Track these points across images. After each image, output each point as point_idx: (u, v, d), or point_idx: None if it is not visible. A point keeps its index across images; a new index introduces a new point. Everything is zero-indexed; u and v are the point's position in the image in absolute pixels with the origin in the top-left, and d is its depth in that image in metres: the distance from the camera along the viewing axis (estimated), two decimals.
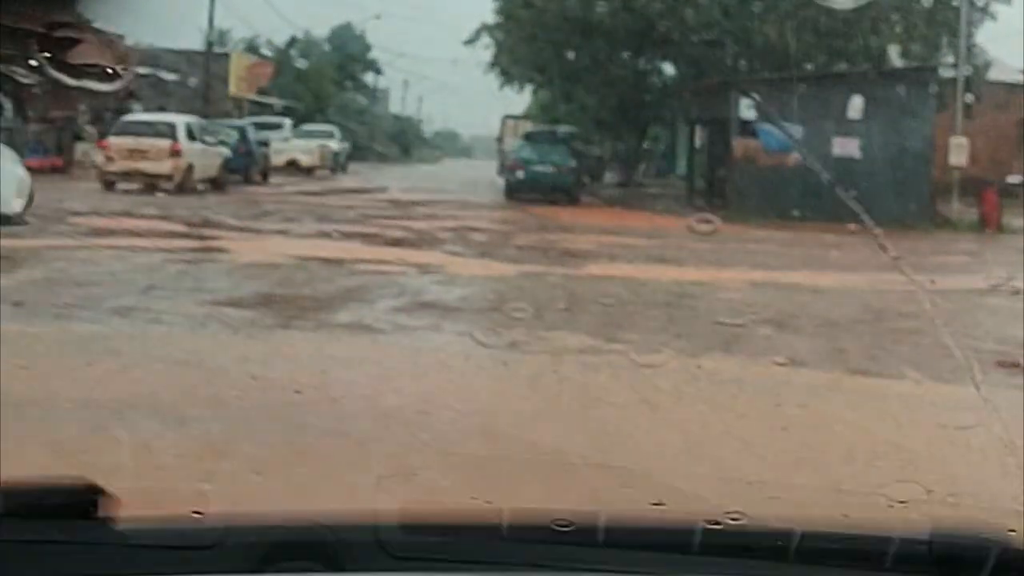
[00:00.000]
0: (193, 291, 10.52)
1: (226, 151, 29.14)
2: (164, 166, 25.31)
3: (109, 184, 25.18)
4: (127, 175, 25.12)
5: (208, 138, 28.04)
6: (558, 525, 1.63)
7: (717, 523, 1.54)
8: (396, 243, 17.44)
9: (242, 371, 6.33)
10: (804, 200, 28.84)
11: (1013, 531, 1.67)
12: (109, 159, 25.46)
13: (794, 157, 29.19)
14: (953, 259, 20.35)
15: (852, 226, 27.09)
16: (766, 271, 16.76)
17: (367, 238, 17.93)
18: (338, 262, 14.38)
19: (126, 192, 23.76)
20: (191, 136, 26.84)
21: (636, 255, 17.84)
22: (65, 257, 12.74)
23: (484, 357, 7.87)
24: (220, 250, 14.93)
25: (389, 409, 5.60)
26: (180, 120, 27.82)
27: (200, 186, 26.40)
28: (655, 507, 1.92)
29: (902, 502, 2.98)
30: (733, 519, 1.54)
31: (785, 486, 4.21)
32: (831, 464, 4.78)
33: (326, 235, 18.32)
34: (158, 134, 25.92)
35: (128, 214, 19.48)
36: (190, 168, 26.08)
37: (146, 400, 5.53)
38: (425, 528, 1.43)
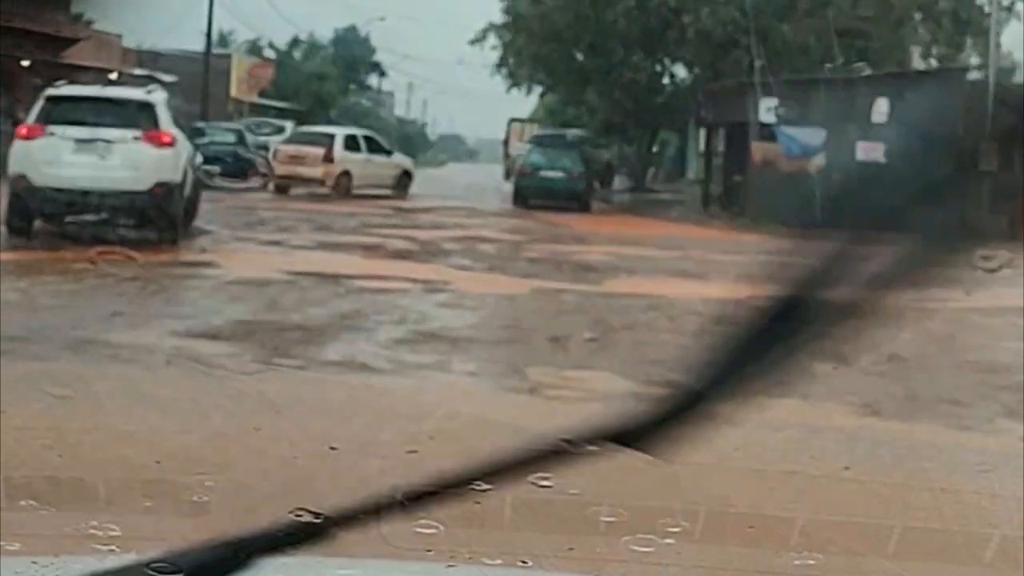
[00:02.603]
0: (164, 318, 9.24)
1: (408, 161, 32.16)
2: (316, 171, 27.80)
3: (279, 188, 27.96)
4: (288, 178, 27.91)
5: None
6: None
7: None
8: (399, 256, 16.19)
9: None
10: (825, 206, 27.46)
11: None
12: (278, 164, 28.40)
13: (816, 162, 27.91)
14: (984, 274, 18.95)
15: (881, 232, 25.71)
16: None
17: (368, 250, 16.69)
18: (334, 279, 13.13)
19: None
20: (352, 147, 29.45)
21: (656, 268, 16.57)
22: None
23: (500, 406, 6.61)
24: (206, 264, 13.69)
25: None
26: (340, 132, 30.96)
27: (370, 191, 28.34)
28: None
29: None
30: None
31: None
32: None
33: (325, 246, 17.08)
34: (315, 143, 28.67)
35: None
36: (345, 174, 28.30)
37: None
38: None
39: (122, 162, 15.00)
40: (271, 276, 12.93)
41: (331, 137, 29.42)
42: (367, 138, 31.28)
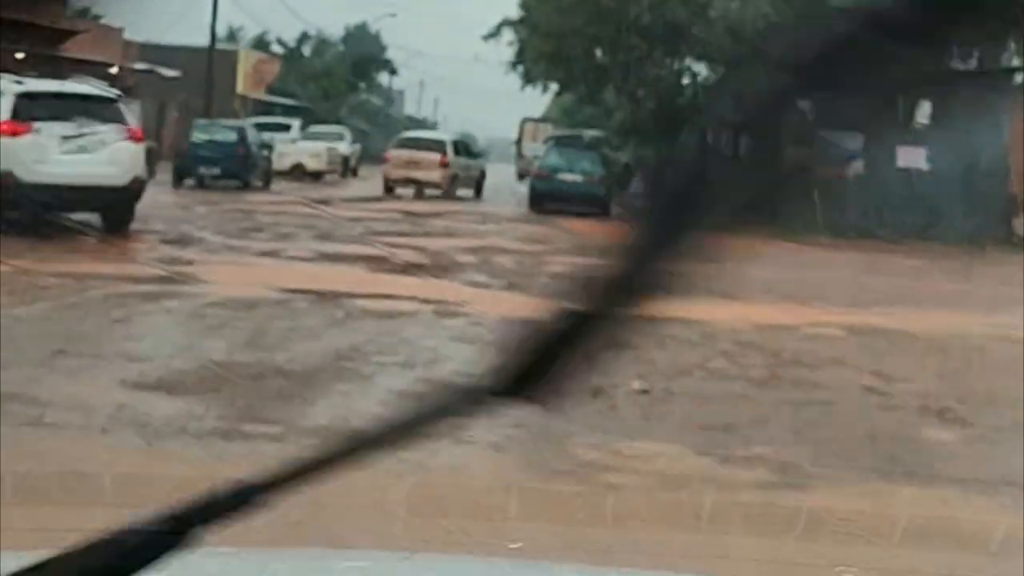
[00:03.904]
0: (117, 360, 7.51)
1: (482, 162, 34.23)
2: (434, 175, 29.93)
3: (389, 188, 30.10)
4: (403, 181, 29.95)
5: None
6: None
7: None
8: (407, 269, 14.49)
9: None
10: (864, 216, 25.95)
11: None
12: (391, 167, 30.44)
13: (854, 168, 26.19)
14: None
15: (921, 246, 23.63)
16: (853, 309, 13.74)
17: (373, 262, 14.99)
18: (334, 298, 11.45)
19: None
20: (457, 151, 31.71)
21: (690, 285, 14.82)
22: None
23: (536, 505, 4.89)
24: (186, 280, 11.98)
25: None
26: (448, 137, 33.35)
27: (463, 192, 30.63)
28: None
29: None
30: None
31: None
32: None
33: (325, 257, 15.40)
34: (430, 148, 30.76)
35: None
36: (455, 177, 30.69)
37: None
38: None
39: (107, 158, 15.32)
40: (259, 295, 11.23)
41: (442, 143, 31.84)
42: (463, 143, 34.05)
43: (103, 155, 15.30)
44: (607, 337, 1.00)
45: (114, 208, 15.59)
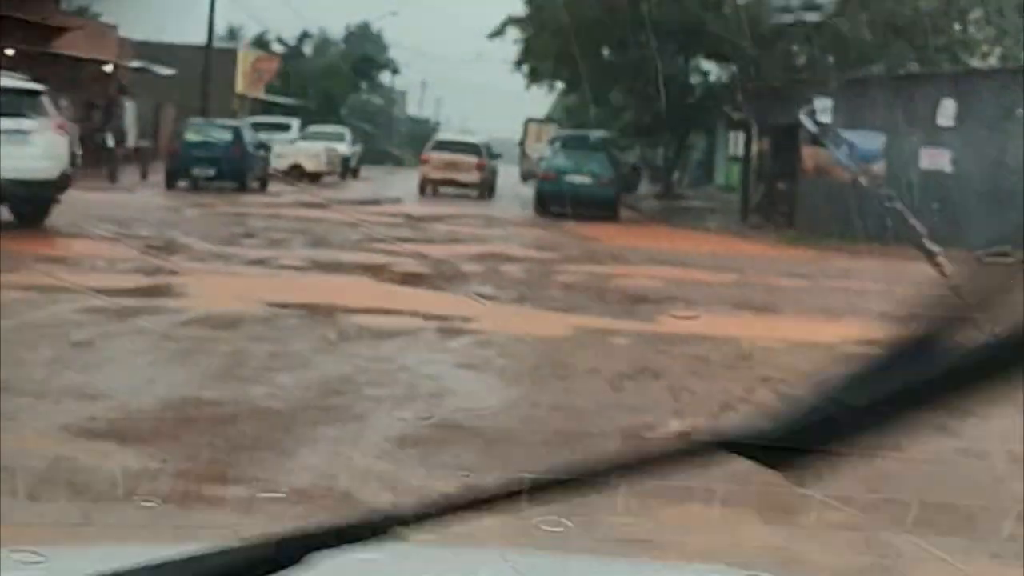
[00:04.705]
0: (64, 397, 6.38)
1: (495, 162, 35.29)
2: (473, 176, 31.74)
3: (423, 188, 31.50)
4: (443, 182, 31.41)
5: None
6: None
7: None
8: (408, 280, 13.42)
9: None
10: (884, 220, 24.79)
11: None
12: (431, 169, 31.78)
13: (875, 170, 25.06)
14: None
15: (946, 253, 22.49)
16: (896, 322, 12.62)
17: (371, 272, 13.93)
18: (326, 314, 10.39)
19: None
20: (490, 155, 33.75)
21: (715, 297, 13.78)
22: None
23: None
24: (165, 293, 10.89)
25: None
26: (480, 141, 34.70)
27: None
28: None
29: None
30: None
31: None
32: None
33: (319, 266, 14.33)
34: (465, 151, 32.31)
35: None
36: (486, 179, 32.42)
37: None
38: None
39: (42, 151, 15.31)
40: (243, 311, 10.15)
41: (477, 146, 33.50)
42: (487, 145, 34.95)
43: (27, 149, 15.10)
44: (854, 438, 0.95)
45: (33, 202, 15.42)
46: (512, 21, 35.72)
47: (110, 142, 30.34)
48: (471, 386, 7.34)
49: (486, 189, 32.32)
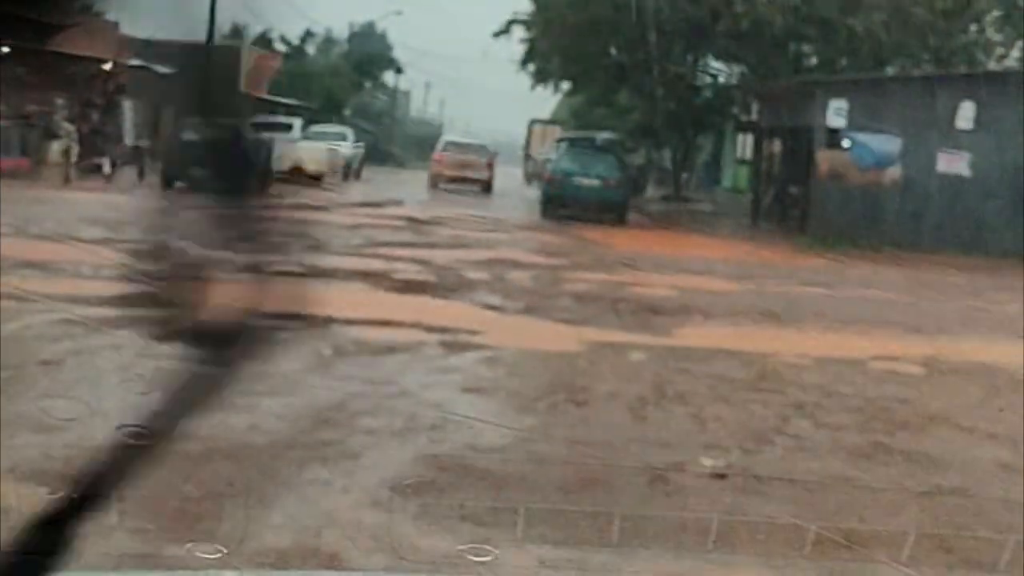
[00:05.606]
0: (15, 431, 5.62)
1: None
2: (484, 175, 33.89)
3: (435, 183, 33.60)
4: (456, 180, 33.16)
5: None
6: None
7: None
8: (409, 288, 12.72)
9: None
10: (901, 225, 24.16)
11: None
12: (443, 167, 33.97)
13: (891, 174, 24.35)
14: None
15: (963, 260, 21.51)
16: (929, 337, 11.93)
17: (370, 279, 13.22)
18: (321, 326, 9.67)
19: None
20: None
21: (733, 308, 13.07)
22: None
23: None
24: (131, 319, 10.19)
25: None
26: (488, 142, 37.29)
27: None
28: None
29: None
30: None
31: None
32: None
33: (315, 272, 13.60)
34: (475, 152, 34.95)
35: None
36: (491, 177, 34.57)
37: None
38: None
39: None
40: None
41: (485, 147, 35.91)
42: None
43: None
44: None
45: None
46: (518, 20, 35.03)
47: (108, 142, 29.75)
48: (475, 424, 6.57)
49: (488, 186, 34.46)
